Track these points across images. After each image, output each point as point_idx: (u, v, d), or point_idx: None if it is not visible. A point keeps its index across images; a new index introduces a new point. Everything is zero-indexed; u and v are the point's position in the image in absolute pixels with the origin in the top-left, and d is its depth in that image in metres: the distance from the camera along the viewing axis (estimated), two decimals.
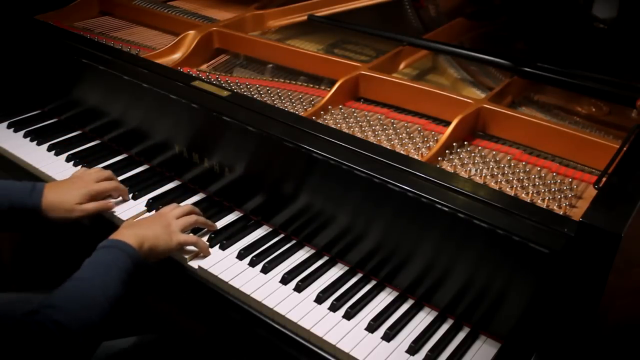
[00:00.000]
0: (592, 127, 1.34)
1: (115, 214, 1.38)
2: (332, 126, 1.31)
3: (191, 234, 1.28)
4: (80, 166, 1.56)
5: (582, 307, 0.94)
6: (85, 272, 1.07)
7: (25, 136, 1.69)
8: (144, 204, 1.42)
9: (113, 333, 1.27)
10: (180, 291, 1.31)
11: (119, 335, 1.30)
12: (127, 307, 1.10)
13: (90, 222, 1.38)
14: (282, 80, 1.56)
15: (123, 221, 1.35)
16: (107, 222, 1.39)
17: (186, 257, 1.26)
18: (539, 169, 1.20)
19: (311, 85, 1.53)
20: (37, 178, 1.56)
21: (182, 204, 1.39)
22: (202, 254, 1.27)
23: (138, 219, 1.33)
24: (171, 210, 1.29)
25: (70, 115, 1.74)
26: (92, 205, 1.34)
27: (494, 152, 1.27)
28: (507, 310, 1.05)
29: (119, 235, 1.16)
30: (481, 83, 1.50)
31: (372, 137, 1.30)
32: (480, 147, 1.27)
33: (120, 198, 1.42)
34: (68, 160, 1.58)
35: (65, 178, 1.43)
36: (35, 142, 1.66)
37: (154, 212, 1.38)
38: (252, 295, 1.17)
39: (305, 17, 1.78)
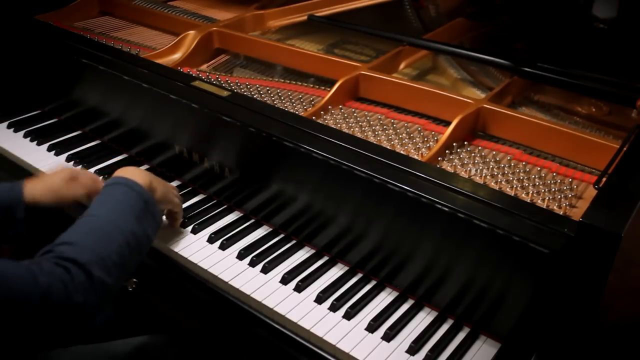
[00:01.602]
0: (592, 127, 1.34)
1: None
2: (332, 126, 1.31)
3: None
4: (80, 166, 1.56)
5: (582, 307, 0.94)
6: (96, 209, 1.05)
7: (25, 136, 1.68)
8: None
9: (113, 333, 1.27)
10: (180, 291, 1.31)
11: (119, 334, 1.30)
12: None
13: (77, 213, 1.38)
14: (282, 80, 1.56)
15: None
16: None
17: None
18: (539, 169, 1.20)
19: (311, 85, 1.53)
20: None
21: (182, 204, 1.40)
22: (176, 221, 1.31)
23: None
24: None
25: (70, 115, 1.74)
26: (82, 189, 1.29)
27: (494, 152, 1.27)
28: (507, 310, 1.05)
29: (129, 173, 1.14)
30: (481, 83, 1.50)
31: (372, 137, 1.30)
32: (480, 147, 1.27)
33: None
34: (68, 160, 1.58)
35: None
36: (35, 142, 1.66)
37: None
38: (252, 295, 1.17)
39: (305, 17, 1.78)
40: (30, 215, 1.23)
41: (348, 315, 1.13)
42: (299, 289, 1.19)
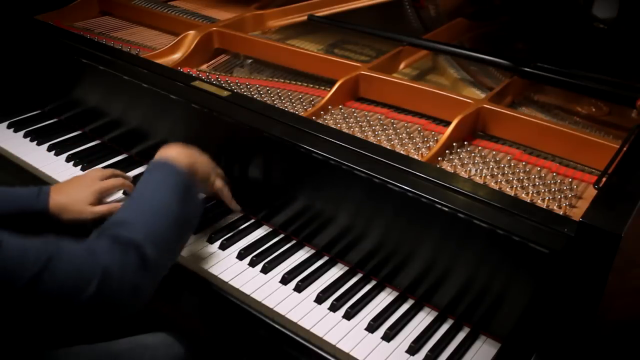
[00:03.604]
0: (592, 127, 1.34)
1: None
2: (332, 126, 1.31)
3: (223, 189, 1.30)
4: (80, 166, 1.56)
5: (582, 307, 0.94)
6: (142, 192, 1.09)
7: (25, 136, 1.68)
8: None
9: (114, 333, 1.27)
10: (180, 291, 1.31)
11: (119, 334, 1.30)
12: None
13: (92, 224, 1.38)
14: (282, 80, 1.56)
15: None
16: None
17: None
18: (539, 169, 1.20)
19: (311, 85, 1.53)
20: (37, 178, 1.56)
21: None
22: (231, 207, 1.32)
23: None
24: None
25: (70, 116, 1.74)
26: (103, 208, 1.32)
27: (494, 152, 1.27)
28: (507, 310, 1.05)
29: (172, 155, 1.16)
30: (481, 83, 1.50)
31: (372, 137, 1.30)
32: (480, 147, 1.27)
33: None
34: (68, 160, 1.58)
35: (69, 179, 1.41)
36: (35, 142, 1.66)
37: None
38: (252, 296, 1.17)
39: (305, 17, 1.78)
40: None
41: (348, 315, 1.13)
42: (299, 289, 1.19)
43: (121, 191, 1.44)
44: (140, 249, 0.96)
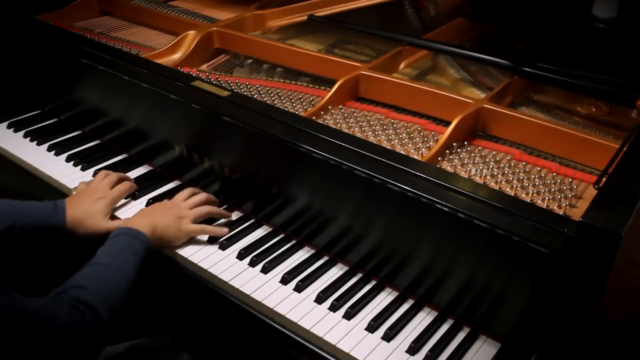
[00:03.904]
0: (592, 127, 1.34)
1: (116, 214, 1.39)
2: (332, 126, 1.31)
3: (199, 224, 1.30)
4: (80, 166, 1.56)
5: (582, 307, 0.94)
6: (104, 257, 1.13)
7: (25, 136, 1.69)
8: (145, 204, 1.42)
9: (114, 334, 1.27)
10: (181, 291, 1.31)
11: (119, 334, 1.30)
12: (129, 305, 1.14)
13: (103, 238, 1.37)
14: (282, 80, 1.56)
15: None
16: None
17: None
18: (539, 169, 1.20)
19: (311, 85, 1.53)
20: (37, 178, 1.56)
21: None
22: (217, 235, 1.31)
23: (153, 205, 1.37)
24: (185, 200, 1.33)
25: (70, 115, 1.74)
26: (118, 223, 1.31)
27: (494, 152, 1.27)
28: (507, 310, 1.05)
29: (133, 223, 1.22)
30: (481, 83, 1.50)
31: (372, 137, 1.30)
32: (480, 147, 1.27)
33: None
34: (68, 160, 1.58)
35: (78, 190, 1.40)
36: (35, 142, 1.66)
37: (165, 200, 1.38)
38: (252, 295, 1.17)
39: (305, 17, 1.78)
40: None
41: (348, 315, 1.13)
42: (299, 289, 1.19)
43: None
44: (96, 313, 1.02)
